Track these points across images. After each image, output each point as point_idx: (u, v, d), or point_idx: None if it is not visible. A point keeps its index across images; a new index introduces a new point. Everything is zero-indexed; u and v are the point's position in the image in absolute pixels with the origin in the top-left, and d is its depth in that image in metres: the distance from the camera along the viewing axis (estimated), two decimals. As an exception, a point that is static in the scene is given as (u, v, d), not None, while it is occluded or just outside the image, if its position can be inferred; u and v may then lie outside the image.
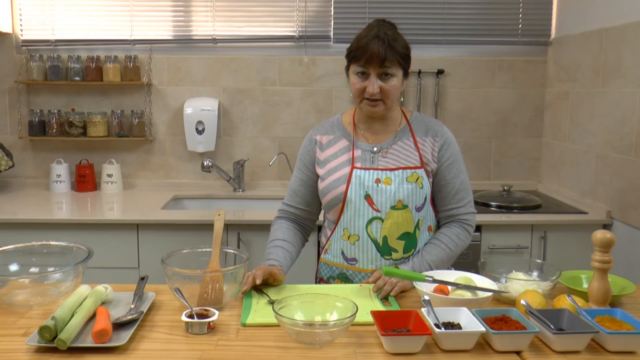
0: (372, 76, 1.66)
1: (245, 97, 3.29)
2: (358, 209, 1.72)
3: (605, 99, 2.69)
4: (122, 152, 3.31)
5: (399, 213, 1.72)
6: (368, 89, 1.67)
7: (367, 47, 1.64)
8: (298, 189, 1.86)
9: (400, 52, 1.67)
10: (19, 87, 3.22)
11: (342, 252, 1.77)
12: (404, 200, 1.72)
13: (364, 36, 1.67)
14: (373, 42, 1.64)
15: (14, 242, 1.68)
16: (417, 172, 1.74)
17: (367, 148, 1.77)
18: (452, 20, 3.25)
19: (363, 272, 1.75)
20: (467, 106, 3.32)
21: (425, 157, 1.77)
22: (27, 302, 1.52)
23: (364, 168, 1.74)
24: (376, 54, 1.63)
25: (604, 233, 1.45)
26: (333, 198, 1.75)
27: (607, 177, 2.68)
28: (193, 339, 1.34)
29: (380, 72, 1.66)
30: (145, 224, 2.65)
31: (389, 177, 1.73)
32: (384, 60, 1.64)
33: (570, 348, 1.28)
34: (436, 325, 1.29)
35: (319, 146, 1.82)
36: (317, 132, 1.85)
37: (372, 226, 1.72)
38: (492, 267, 1.68)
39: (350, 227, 1.74)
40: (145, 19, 3.22)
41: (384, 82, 1.68)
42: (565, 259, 2.63)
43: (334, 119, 1.87)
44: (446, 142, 1.79)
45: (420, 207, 1.74)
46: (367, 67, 1.66)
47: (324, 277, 1.84)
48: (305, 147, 1.86)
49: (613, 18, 2.63)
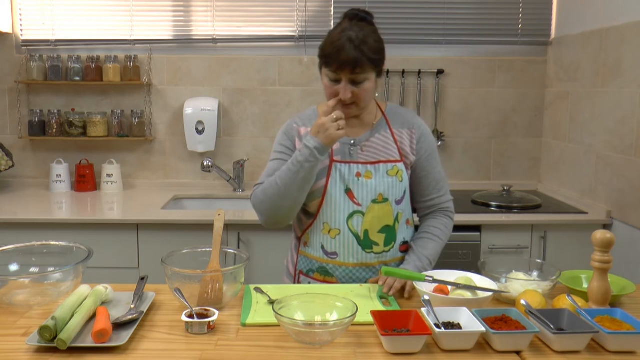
0: (344, 82, 1.64)
1: (245, 97, 3.29)
2: (339, 203, 1.72)
3: (605, 99, 2.69)
4: (122, 152, 3.31)
5: (379, 207, 1.72)
6: (340, 94, 1.65)
7: (338, 55, 1.60)
8: (277, 167, 1.75)
9: (372, 54, 1.62)
10: (19, 87, 3.22)
11: (322, 246, 1.76)
12: (384, 194, 1.72)
13: (336, 39, 1.62)
14: (344, 50, 1.59)
15: (14, 242, 1.68)
16: (398, 166, 1.74)
17: (345, 141, 1.76)
18: (452, 20, 3.25)
19: (344, 265, 1.74)
20: (467, 106, 3.32)
21: (403, 150, 1.77)
22: (27, 302, 1.52)
23: (343, 162, 1.73)
24: (347, 61, 1.60)
25: (604, 233, 1.45)
26: (313, 192, 1.73)
27: (607, 177, 2.68)
28: (193, 339, 1.34)
29: (352, 78, 1.63)
30: (145, 224, 2.65)
31: (369, 170, 1.72)
32: (355, 68, 1.61)
33: (570, 348, 1.28)
34: (436, 325, 1.29)
35: (297, 136, 1.79)
36: (297, 122, 1.82)
37: (353, 220, 1.72)
38: (492, 267, 1.68)
39: (331, 221, 1.73)
40: (145, 19, 3.22)
41: (356, 87, 1.65)
42: (565, 259, 2.63)
43: (311, 111, 1.85)
44: (423, 134, 1.80)
45: (400, 200, 1.75)
46: (339, 73, 1.63)
47: (303, 270, 1.83)
48: (287, 132, 1.80)
49: (613, 18, 2.63)
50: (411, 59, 3.26)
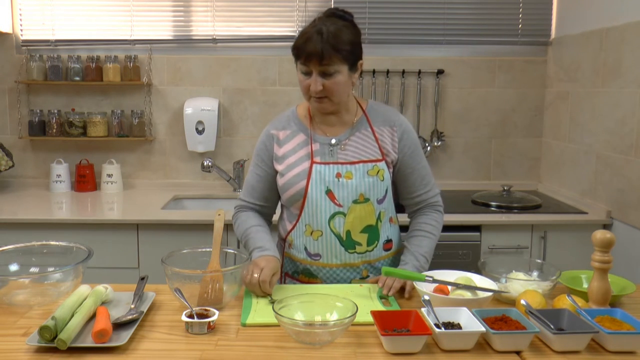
0: (314, 74, 1.64)
1: (245, 97, 3.29)
2: (319, 204, 1.71)
3: (605, 99, 2.69)
4: (122, 152, 3.31)
5: (361, 207, 1.71)
6: (311, 87, 1.65)
7: (305, 46, 1.61)
8: (256, 185, 1.83)
9: (342, 47, 1.61)
10: (19, 87, 3.22)
11: (305, 248, 1.76)
12: (365, 194, 1.71)
13: (305, 32, 1.63)
14: (311, 40, 1.60)
15: (14, 242, 1.68)
16: (378, 165, 1.74)
17: (325, 141, 1.76)
18: (452, 20, 3.25)
19: (327, 267, 1.74)
20: (467, 106, 3.32)
21: (385, 148, 1.76)
22: (27, 302, 1.52)
23: (323, 163, 1.73)
24: (314, 53, 1.60)
25: (604, 233, 1.45)
26: (294, 194, 1.74)
27: (607, 177, 2.68)
28: (193, 339, 1.34)
29: (321, 70, 1.63)
30: (145, 224, 2.65)
31: (349, 171, 1.72)
32: (322, 59, 1.60)
33: (570, 348, 1.28)
34: (436, 325, 1.29)
35: (276, 142, 1.79)
36: (274, 127, 1.82)
37: (335, 221, 1.71)
38: (492, 267, 1.68)
39: (313, 223, 1.73)
40: (145, 19, 3.22)
41: (326, 79, 1.64)
42: (565, 259, 2.62)
43: (290, 112, 1.84)
44: (405, 131, 1.79)
45: (381, 199, 1.74)
46: (308, 65, 1.63)
47: (289, 271, 1.83)
48: (263, 142, 1.82)
49: (613, 18, 2.63)
50: (411, 59, 3.26)
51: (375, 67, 3.23)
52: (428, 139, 3.31)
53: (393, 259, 1.82)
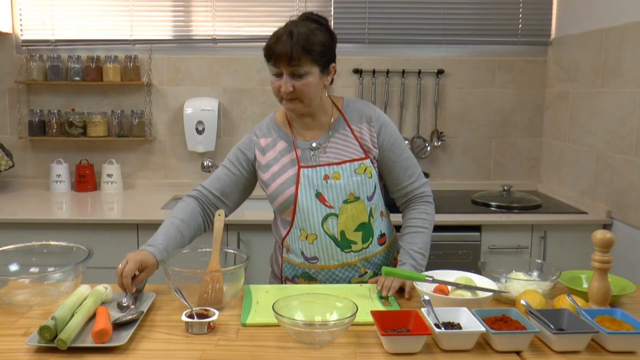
0: (285, 75, 1.64)
1: (245, 97, 3.29)
2: (311, 208, 1.70)
3: (605, 99, 2.69)
4: (122, 152, 3.31)
5: (352, 206, 1.71)
6: (281, 88, 1.65)
7: (275, 47, 1.61)
8: (222, 177, 1.80)
9: (312, 49, 1.62)
10: (19, 87, 3.22)
11: (302, 253, 1.76)
12: (355, 193, 1.71)
13: (276, 33, 1.64)
14: (281, 41, 1.60)
15: (14, 242, 1.68)
16: (365, 163, 1.73)
17: (305, 146, 1.75)
18: (452, 20, 3.25)
19: (326, 268, 1.74)
20: (467, 106, 3.32)
21: (366, 145, 1.76)
22: (27, 302, 1.53)
23: (309, 166, 1.73)
24: (282, 53, 1.60)
25: (604, 233, 1.45)
26: (283, 202, 1.73)
27: (607, 177, 2.68)
28: (193, 339, 1.34)
29: (291, 70, 1.63)
30: (145, 224, 2.65)
31: (337, 171, 1.72)
32: (291, 59, 1.60)
33: (570, 348, 1.28)
34: (436, 325, 1.30)
35: (259, 149, 1.80)
36: (256, 133, 1.82)
37: (328, 223, 1.71)
38: (492, 267, 1.68)
39: (306, 227, 1.72)
40: (145, 19, 3.22)
41: (296, 80, 1.64)
42: (565, 259, 2.63)
43: (269, 119, 1.84)
44: (382, 125, 1.78)
45: (371, 196, 1.74)
46: (278, 66, 1.63)
47: (289, 276, 1.83)
48: (245, 144, 1.82)
49: (613, 18, 2.63)
50: (411, 59, 3.26)
51: (375, 67, 3.23)
52: (428, 139, 3.31)
53: (387, 251, 1.82)
